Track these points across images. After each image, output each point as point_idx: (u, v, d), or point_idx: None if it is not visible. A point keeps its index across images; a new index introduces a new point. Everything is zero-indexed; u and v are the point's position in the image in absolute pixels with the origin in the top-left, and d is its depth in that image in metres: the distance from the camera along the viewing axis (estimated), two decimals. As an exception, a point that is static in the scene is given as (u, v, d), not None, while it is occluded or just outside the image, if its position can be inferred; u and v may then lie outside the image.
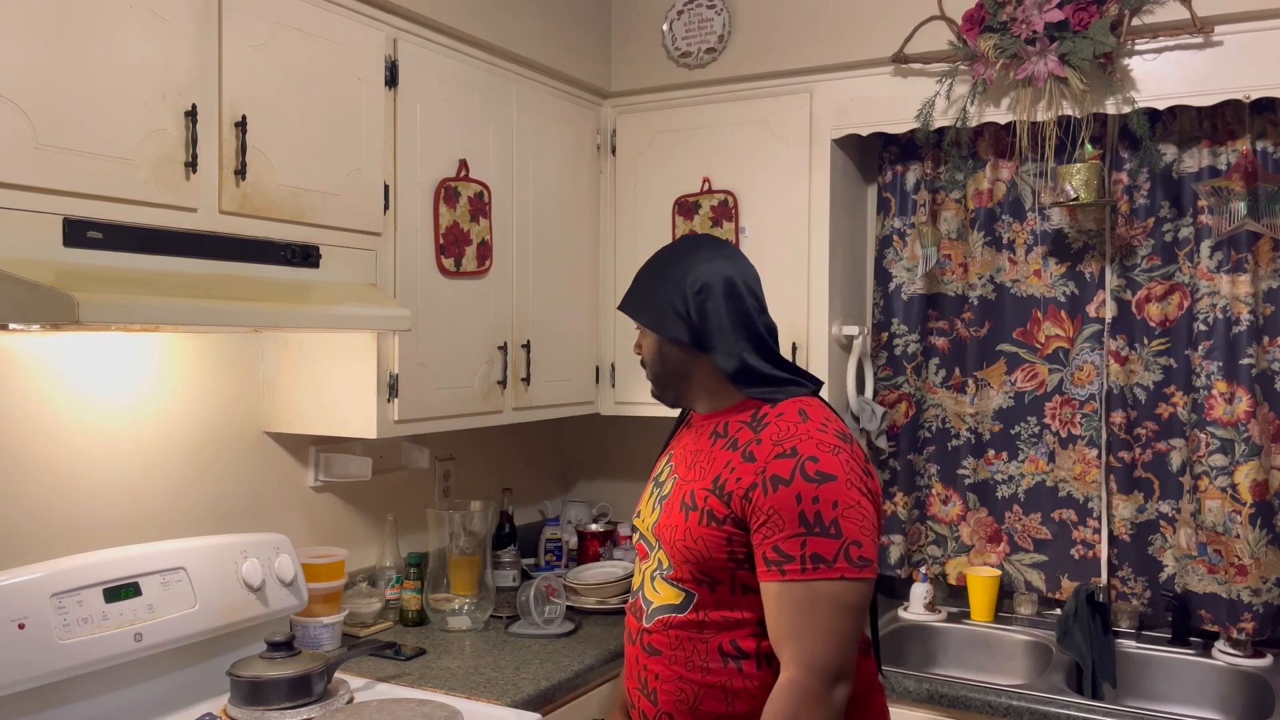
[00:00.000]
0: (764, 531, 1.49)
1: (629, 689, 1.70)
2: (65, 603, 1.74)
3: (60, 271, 1.55)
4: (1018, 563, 2.73)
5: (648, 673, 1.63)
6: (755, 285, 1.68)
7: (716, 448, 1.61)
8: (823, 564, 1.45)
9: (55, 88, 1.59)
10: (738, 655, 1.57)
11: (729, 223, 2.78)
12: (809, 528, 1.46)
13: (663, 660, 1.61)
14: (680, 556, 1.58)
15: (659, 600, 1.63)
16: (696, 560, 1.56)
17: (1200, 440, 2.43)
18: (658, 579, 1.64)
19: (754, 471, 1.52)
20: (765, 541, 1.49)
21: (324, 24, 2.06)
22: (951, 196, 2.78)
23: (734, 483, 1.53)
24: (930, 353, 2.83)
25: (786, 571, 1.47)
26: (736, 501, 1.52)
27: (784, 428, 1.55)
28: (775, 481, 1.49)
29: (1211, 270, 2.44)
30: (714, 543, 1.54)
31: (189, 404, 2.20)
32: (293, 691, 1.86)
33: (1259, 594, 2.36)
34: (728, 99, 2.80)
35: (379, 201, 2.19)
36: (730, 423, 1.62)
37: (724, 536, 1.54)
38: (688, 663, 1.59)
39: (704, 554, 1.55)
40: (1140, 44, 2.35)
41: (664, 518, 1.63)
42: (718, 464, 1.58)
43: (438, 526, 2.53)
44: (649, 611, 1.64)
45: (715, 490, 1.55)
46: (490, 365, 2.50)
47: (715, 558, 1.54)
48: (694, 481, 1.60)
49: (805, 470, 1.48)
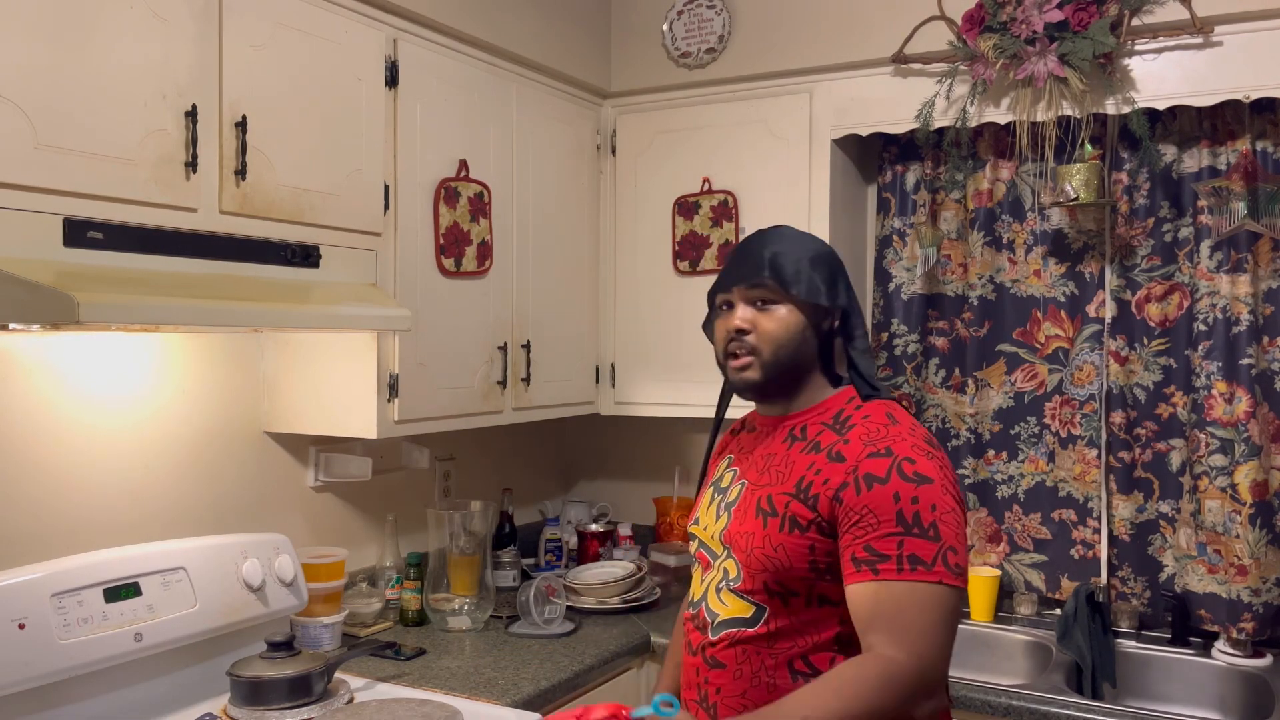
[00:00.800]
0: (855, 531, 1.40)
1: (686, 699, 1.59)
2: (65, 603, 1.74)
3: (60, 271, 1.55)
4: (1018, 563, 2.73)
5: (709, 686, 1.54)
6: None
7: (795, 451, 1.52)
8: (921, 566, 1.36)
9: (55, 88, 1.59)
10: (809, 672, 1.47)
11: (729, 223, 2.78)
12: (907, 528, 1.37)
13: (727, 674, 1.52)
14: (757, 565, 1.48)
15: (725, 613, 1.53)
16: (775, 570, 1.46)
17: (1200, 440, 2.43)
18: (724, 591, 1.54)
19: (844, 471, 1.43)
20: (856, 541, 1.39)
21: (324, 24, 2.06)
22: (951, 196, 2.78)
23: (821, 484, 1.44)
24: (930, 353, 2.83)
25: (881, 571, 1.37)
26: (824, 504, 1.43)
27: (873, 429, 1.46)
28: (869, 480, 1.40)
29: (1211, 270, 2.44)
30: (796, 551, 1.45)
31: (189, 404, 2.20)
32: (293, 691, 1.86)
33: (1259, 594, 2.36)
34: (727, 99, 2.80)
35: (379, 201, 2.19)
36: (809, 425, 1.53)
37: (807, 544, 1.44)
38: (754, 679, 1.49)
39: (784, 563, 1.45)
40: (1140, 44, 2.35)
41: (735, 524, 1.53)
42: (799, 467, 1.49)
43: (438, 526, 2.54)
44: (714, 624, 1.54)
45: (799, 495, 1.46)
46: (490, 365, 2.50)
47: (796, 567, 1.45)
48: (770, 486, 1.51)
49: (903, 470, 1.40)
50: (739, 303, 1.53)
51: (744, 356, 1.52)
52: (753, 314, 1.52)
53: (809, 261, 1.51)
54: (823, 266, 1.52)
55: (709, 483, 1.67)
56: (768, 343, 1.51)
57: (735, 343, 1.53)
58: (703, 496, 1.67)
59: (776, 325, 1.51)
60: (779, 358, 1.51)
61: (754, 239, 1.56)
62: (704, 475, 1.73)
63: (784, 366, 1.52)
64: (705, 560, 1.61)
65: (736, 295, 1.54)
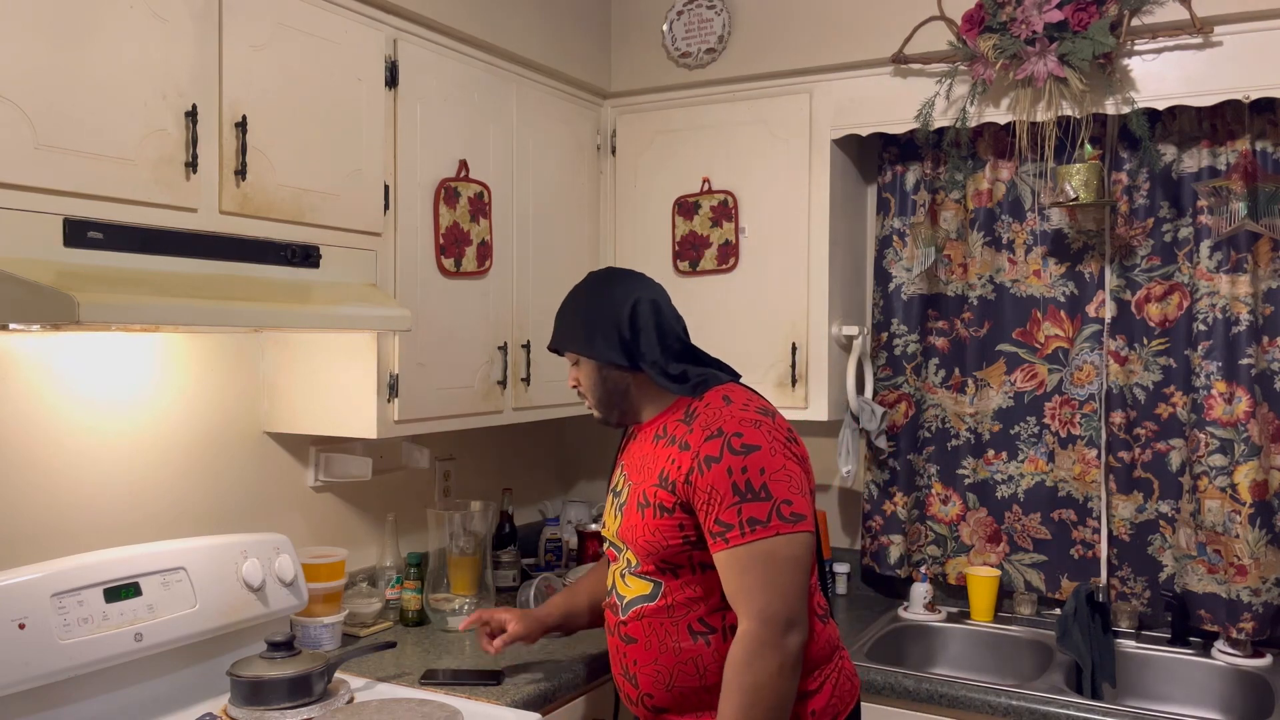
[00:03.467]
0: (706, 508, 1.66)
1: (614, 675, 1.87)
2: (66, 603, 1.74)
3: (60, 271, 1.55)
4: (1017, 563, 2.73)
5: (627, 660, 1.81)
6: (666, 299, 1.86)
7: (659, 447, 1.77)
8: (759, 525, 1.62)
9: (55, 88, 1.59)
10: (705, 631, 1.74)
11: (729, 223, 2.78)
12: (742, 496, 1.63)
13: (639, 647, 1.78)
14: (644, 551, 1.74)
15: (631, 594, 1.79)
16: (658, 551, 1.73)
17: (1200, 440, 2.43)
18: (628, 575, 1.81)
19: (690, 457, 1.68)
20: (709, 517, 1.66)
21: (324, 24, 2.06)
22: (951, 197, 2.78)
23: (675, 471, 1.70)
24: (930, 353, 2.83)
25: (730, 539, 1.63)
26: (680, 488, 1.69)
27: (711, 414, 1.72)
28: (709, 462, 1.66)
29: (1211, 270, 2.44)
30: (668, 531, 1.71)
31: (189, 404, 2.20)
32: (293, 691, 1.86)
33: (1258, 594, 2.36)
34: (727, 99, 2.80)
35: (379, 202, 2.19)
36: (668, 423, 1.79)
37: (675, 524, 1.70)
38: (661, 646, 1.75)
39: (662, 543, 1.71)
40: (1140, 44, 2.35)
41: (625, 520, 1.79)
42: (661, 461, 1.75)
43: (438, 526, 2.54)
44: (623, 605, 1.81)
45: (661, 484, 1.72)
46: (490, 365, 2.50)
47: (671, 544, 1.71)
48: (644, 482, 1.77)
49: (732, 445, 1.65)
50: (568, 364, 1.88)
51: (585, 401, 1.88)
52: (573, 370, 1.87)
53: (585, 322, 1.81)
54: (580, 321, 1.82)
55: (610, 489, 1.93)
56: (586, 391, 1.86)
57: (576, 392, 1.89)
58: (607, 502, 1.92)
59: (585, 375, 1.85)
60: (598, 397, 1.85)
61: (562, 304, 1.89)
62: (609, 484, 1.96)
63: (608, 403, 1.85)
64: (613, 555, 1.87)
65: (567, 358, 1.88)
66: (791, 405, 2.71)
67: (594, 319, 1.80)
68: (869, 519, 2.88)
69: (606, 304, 1.81)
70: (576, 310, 1.85)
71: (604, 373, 1.82)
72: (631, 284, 1.84)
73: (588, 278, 1.91)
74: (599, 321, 1.80)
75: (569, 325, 1.84)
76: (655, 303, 1.82)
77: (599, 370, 1.82)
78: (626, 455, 1.89)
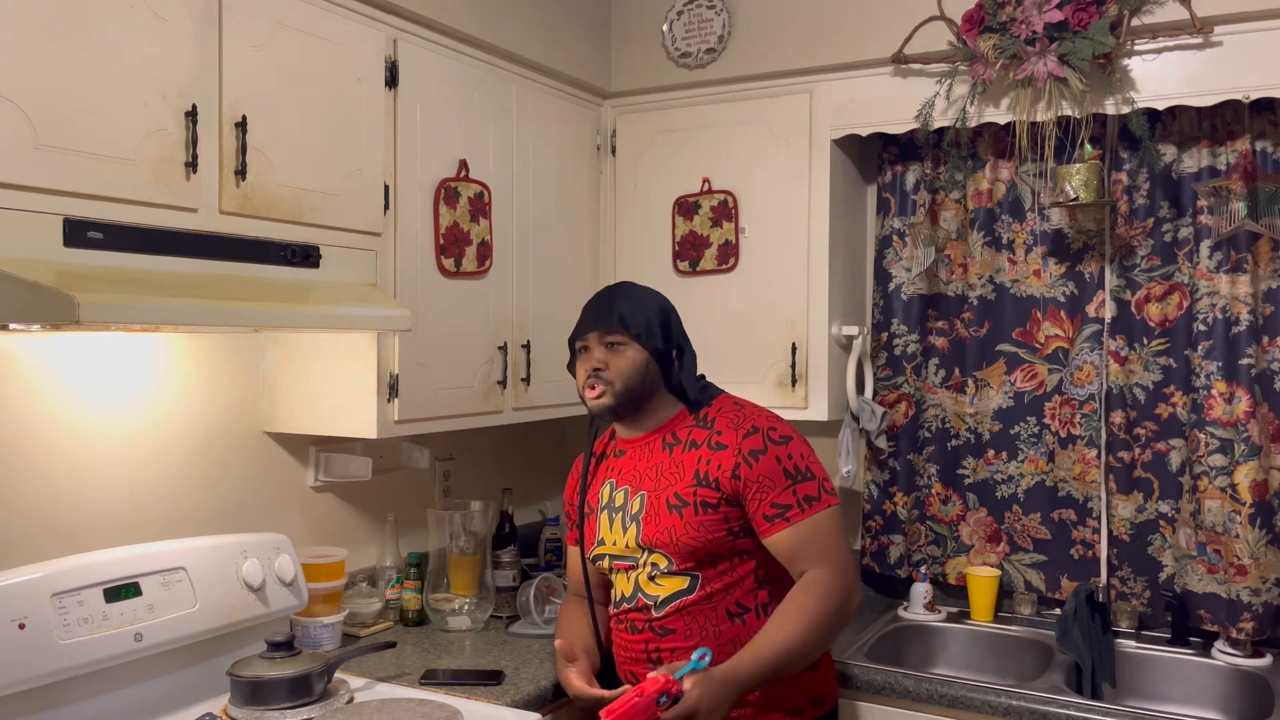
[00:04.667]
0: (759, 496, 1.82)
1: (636, 672, 1.91)
2: (65, 603, 1.74)
3: (60, 271, 1.55)
4: (1017, 562, 2.73)
5: (662, 650, 1.89)
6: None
7: (677, 453, 1.90)
8: (814, 501, 1.83)
9: (55, 88, 1.59)
10: (741, 611, 1.88)
11: (729, 223, 2.78)
12: (793, 479, 1.83)
13: (678, 636, 1.88)
14: (686, 549, 1.84)
15: (665, 592, 1.88)
16: (702, 546, 1.84)
17: (1200, 440, 2.43)
18: (657, 577, 1.88)
19: (732, 454, 1.84)
20: (763, 503, 1.81)
21: (324, 24, 2.06)
22: (951, 197, 2.78)
23: (715, 469, 1.84)
24: (930, 353, 2.83)
25: (791, 517, 1.81)
26: (725, 483, 1.83)
27: (732, 417, 1.89)
28: (755, 455, 1.83)
29: (1211, 270, 2.44)
30: (713, 525, 1.84)
31: (189, 404, 2.20)
32: (293, 691, 1.86)
33: (1258, 594, 2.36)
34: (727, 99, 2.80)
35: (379, 202, 2.19)
36: (678, 431, 1.93)
37: (720, 517, 1.84)
38: (702, 631, 1.87)
39: (707, 537, 1.83)
40: (1140, 44, 2.35)
41: (650, 527, 1.87)
42: (689, 463, 1.87)
43: (438, 526, 2.54)
44: (658, 603, 1.89)
45: (700, 483, 1.84)
46: (490, 365, 2.50)
47: (716, 537, 1.84)
48: (672, 486, 1.87)
49: (771, 437, 1.85)
50: (594, 346, 1.92)
51: (600, 387, 1.90)
52: (604, 354, 1.91)
53: (638, 310, 1.91)
54: (652, 309, 1.92)
55: (595, 508, 1.99)
56: (620, 377, 1.90)
57: (593, 377, 1.91)
58: (596, 521, 1.98)
59: (625, 362, 1.90)
60: (629, 387, 1.90)
61: (604, 295, 1.96)
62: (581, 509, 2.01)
63: (633, 396, 1.91)
64: (624, 566, 1.93)
65: (592, 340, 1.92)
66: (791, 405, 2.71)
67: (658, 312, 1.93)
68: (869, 519, 2.88)
69: (664, 306, 1.96)
70: (643, 298, 1.94)
71: (649, 366, 1.91)
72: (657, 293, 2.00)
73: (627, 283, 2.02)
74: (660, 316, 1.93)
75: (637, 310, 1.91)
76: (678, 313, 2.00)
77: (647, 362, 1.90)
78: (617, 472, 1.97)
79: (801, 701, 1.91)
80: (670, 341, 1.92)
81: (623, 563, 1.93)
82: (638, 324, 1.89)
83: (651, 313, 1.91)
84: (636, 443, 1.96)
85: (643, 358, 1.89)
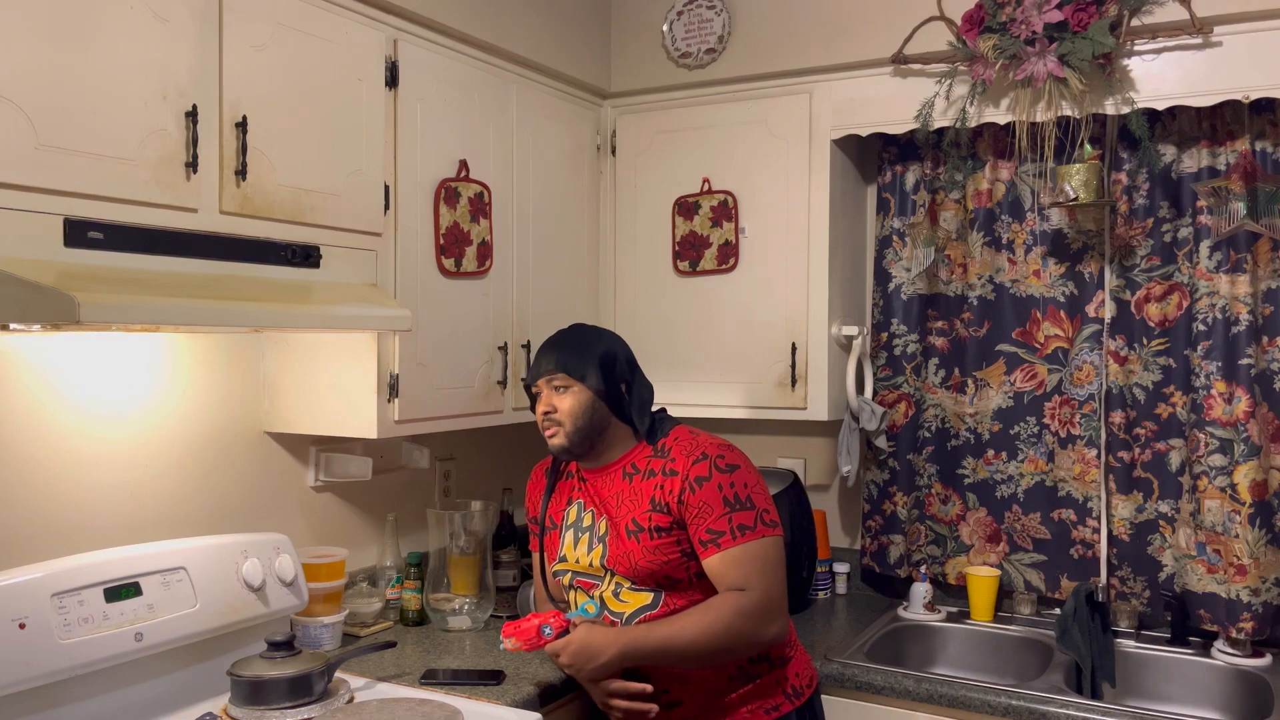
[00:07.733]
0: (697, 520, 1.87)
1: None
2: (66, 603, 1.74)
3: (61, 272, 1.55)
4: (1017, 562, 2.74)
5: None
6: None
7: (636, 482, 1.95)
8: (748, 530, 1.86)
9: (56, 88, 1.59)
10: None
11: (729, 223, 2.79)
12: (731, 506, 1.86)
13: None
14: (644, 573, 1.91)
15: (631, 607, 1.94)
16: (658, 569, 1.90)
17: (1199, 440, 2.43)
18: (622, 592, 1.95)
19: (680, 480, 1.89)
20: (700, 528, 1.87)
21: (324, 24, 2.06)
22: (951, 197, 2.78)
23: (666, 494, 1.90)
24: (930, 353, 2.83)
25: (721, 544, 1.85)
26: (674, 507, 1.89)
27: (686, 445, 1.94)
28: (699, 481, 1.88)
29: (1211, 270, 2.44)
30: (666, 548, 1.90)
31: (189, 404, 2.20)
32: (293, 691, 1.86)
33: (1258, 594, 2.36)
34: (727, 99, 2.80)
35: (379, 202, 2.19)
36: (636, 461, 1.98)
37: (673, 540, 1.90)
38: None
39: (662, 560, 1.90)
40: (1139, 44, 2.35)
41: (613, 550, 1.94)
42: (646, 490, 1.93)
43: (438, 526, 2.54)
44: (625, 617, 1.94)
45: (655, 508, 1.90)
46: (490, 365, 2.50)
47: (671, 559, 1.90)
48: (630, 513, 1.93)
49: (718, 465, 1.89)
50: (544, 390, 1.98)
51: (553, 428, 1.96)
52: (552, 398, 1.97)
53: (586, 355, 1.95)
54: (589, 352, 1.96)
55: (558, 525, 2.06)
56: (568, 418, 1.95)
57: (546, 420, 1.97)
58: (560, 538, 2.05)
59: (573, 404, 1.95)
60: (579, 427, 1.95)
61: (550, 341, 2.01)
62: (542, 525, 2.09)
63: (585, 435, 1.96)
64: (588, 584, 2.00)
65: (541, 385, 1.98)
66: (791, 405, 2.72)
67: (601, 353, 1.97)
68: (869, 519, 2.88)
69: (609, 344, 2.00)
70: (582, 341, 1.98)
71: (595, 404, 1.95)
72: (609, 336, 2.04)
73: (575, 325, 2.08)
74: (604, 357, 1.97)
75: (576, 352, 1.96)
76: (630, 354, 2.04)
77: (592, 401, 1.95)
78: (585, 494, 2.03)
79: (778, 697, 1.98)
80: (614, 380, 1.97)
81: (585, 580, 2.00)
82: (577, 368, 1.95)
83: (590, 355, 1.96)
84: (598, 471, 2.02)
85: (587, 398, 1.94)
